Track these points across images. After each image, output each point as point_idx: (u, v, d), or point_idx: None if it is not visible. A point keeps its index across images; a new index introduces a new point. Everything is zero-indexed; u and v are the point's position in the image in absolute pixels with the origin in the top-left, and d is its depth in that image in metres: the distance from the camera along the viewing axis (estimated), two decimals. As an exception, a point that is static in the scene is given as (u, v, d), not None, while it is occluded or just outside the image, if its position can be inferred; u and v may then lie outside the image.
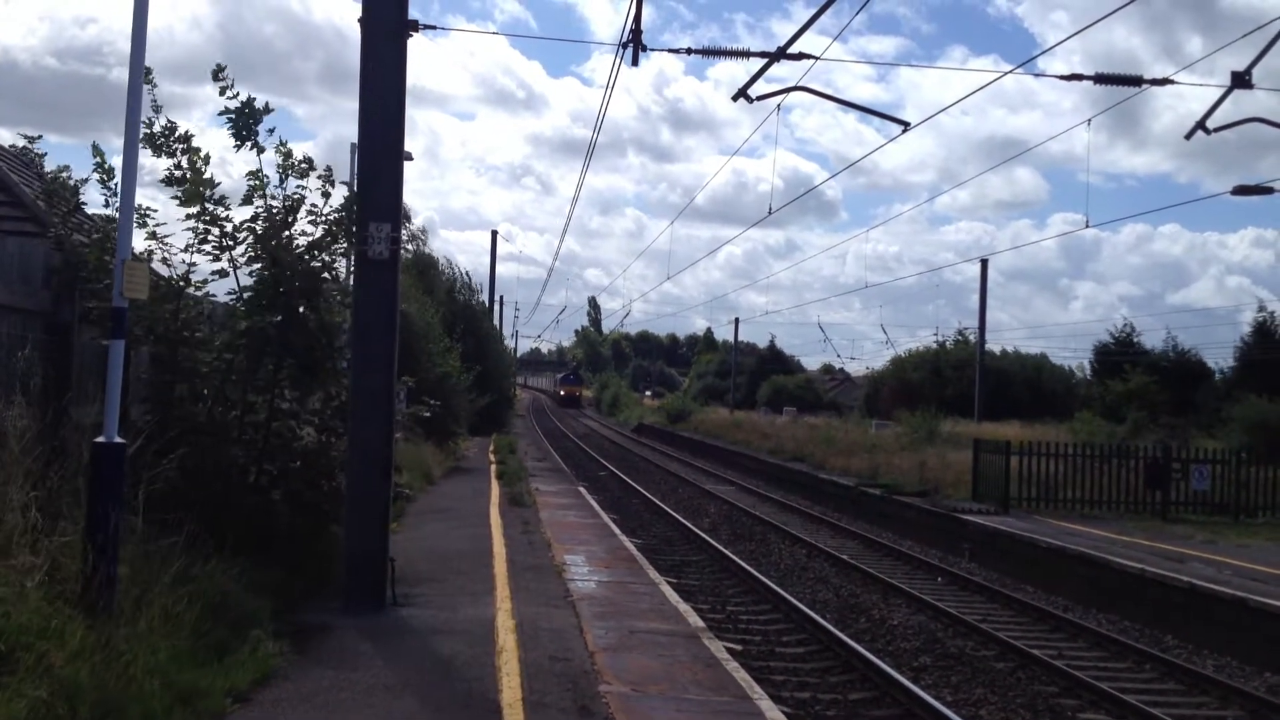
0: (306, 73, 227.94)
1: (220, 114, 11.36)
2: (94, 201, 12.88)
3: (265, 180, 11.49)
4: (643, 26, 13.67)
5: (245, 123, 11.39)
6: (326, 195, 11.71)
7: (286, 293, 11.42)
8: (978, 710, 11.30)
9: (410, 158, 12.59)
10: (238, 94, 11.31)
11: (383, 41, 11.19)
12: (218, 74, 11.21)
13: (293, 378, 11.67)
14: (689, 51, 14.89)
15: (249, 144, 11.42)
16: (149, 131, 10.86)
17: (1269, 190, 22.58)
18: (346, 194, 12.12)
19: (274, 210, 11.48)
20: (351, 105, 11.40)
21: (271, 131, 11.52)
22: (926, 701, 10.76)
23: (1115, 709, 11.32)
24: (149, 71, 9.80)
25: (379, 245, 11.04)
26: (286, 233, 11.49)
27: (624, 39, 13.86)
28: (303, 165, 11.56)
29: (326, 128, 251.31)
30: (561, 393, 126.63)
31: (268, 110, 11.45)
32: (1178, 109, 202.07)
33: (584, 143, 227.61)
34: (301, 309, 11.57)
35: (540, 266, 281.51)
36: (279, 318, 11.41)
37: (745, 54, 14.75)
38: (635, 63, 13.87)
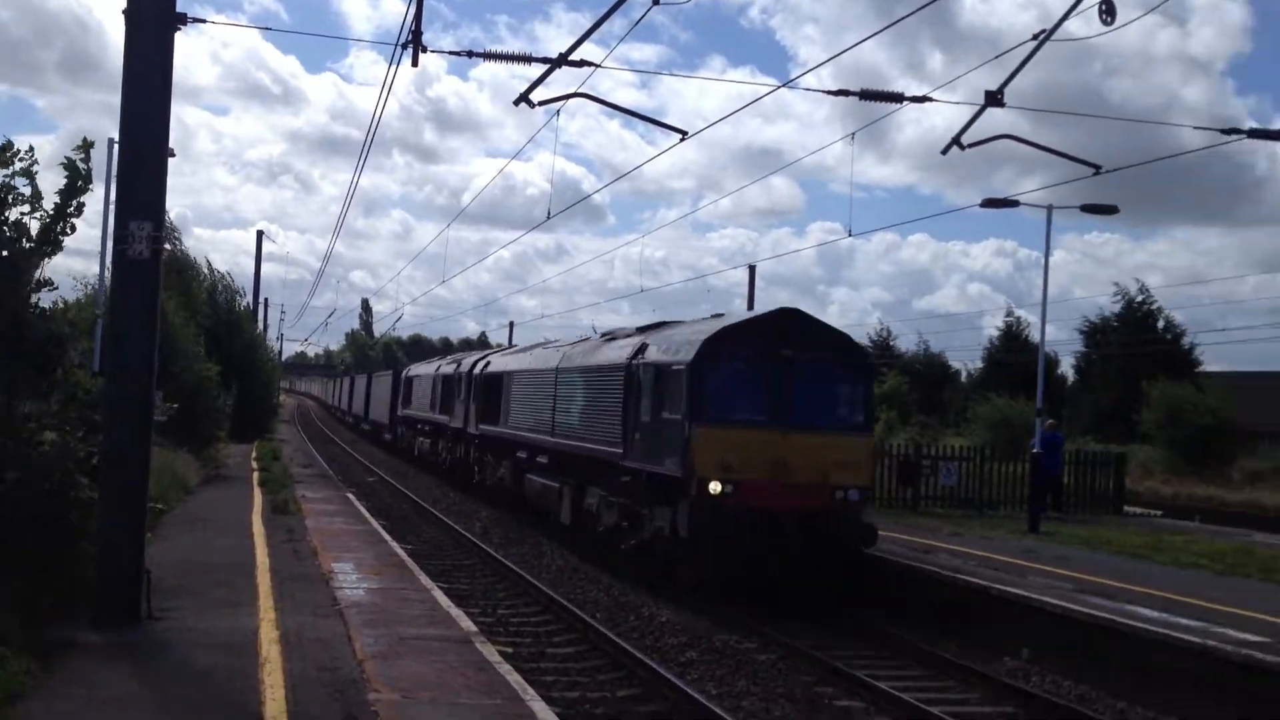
0: (46, 62, 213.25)
1: None
2: None
3: None
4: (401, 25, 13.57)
5: None
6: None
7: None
8: (740, 701, 11.70)
9: (174, 154, 12.10)
10: None
11: (150, 34, 10.74)
12: None
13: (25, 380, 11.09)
14: (470, 54, 14.81)
15: None
16: None
17: (1014, 203, 24.33)
18: (64, 183, 11.49)
19: None
20: (95, 97, 11.02)
21: None
22: (691, 696, 11.11)
23: (868, 694, 11.98)
24: None
25: (139, 245, 10.60)
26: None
27: (403, 39, 13.73)
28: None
29: (70, 119, 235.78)
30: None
31: None
32: (921, 123, 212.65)
33: (345, 141, 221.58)
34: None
35: (303, 268, 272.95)
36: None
37: (528, 59, 14.77)
38: (415, 63, 13.77)
